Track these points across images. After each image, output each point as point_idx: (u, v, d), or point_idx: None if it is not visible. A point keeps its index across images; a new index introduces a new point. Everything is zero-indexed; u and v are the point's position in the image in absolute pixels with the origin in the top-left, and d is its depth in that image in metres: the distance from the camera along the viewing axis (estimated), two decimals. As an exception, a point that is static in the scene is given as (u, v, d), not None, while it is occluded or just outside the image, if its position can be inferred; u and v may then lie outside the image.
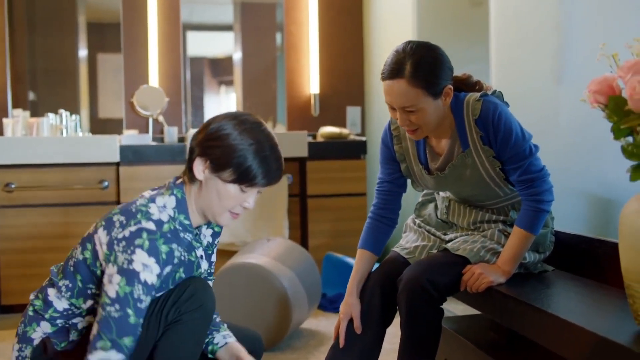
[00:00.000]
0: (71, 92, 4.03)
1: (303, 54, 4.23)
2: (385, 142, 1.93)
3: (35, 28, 4.01)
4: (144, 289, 1.45)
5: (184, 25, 4.14)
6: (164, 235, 1.49)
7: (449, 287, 1.78)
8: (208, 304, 1.58)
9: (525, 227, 1.76)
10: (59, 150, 3.38)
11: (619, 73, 1.25)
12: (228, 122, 1.54)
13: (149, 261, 1.46)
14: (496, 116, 1.73)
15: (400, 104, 1.70)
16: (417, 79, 1.67)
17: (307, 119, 4.23)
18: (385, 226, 1.95)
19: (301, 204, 3.76)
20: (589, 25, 1.99)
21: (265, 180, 1.55)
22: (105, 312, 1.44)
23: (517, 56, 2.42)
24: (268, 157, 1.54)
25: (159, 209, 1.53)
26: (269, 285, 2.66)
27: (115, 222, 1.52)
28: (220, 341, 1.71)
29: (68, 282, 1.57)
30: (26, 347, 1.58)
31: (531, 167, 1.75)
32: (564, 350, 1.43)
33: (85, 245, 1.56)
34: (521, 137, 1.75)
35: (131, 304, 1.44)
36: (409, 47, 1.70)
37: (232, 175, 1.52)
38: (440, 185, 1.89)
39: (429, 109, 1.71)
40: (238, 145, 1.51)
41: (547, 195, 1.76)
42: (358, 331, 1.84)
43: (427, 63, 1.68)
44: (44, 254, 3.36)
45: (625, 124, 1.24)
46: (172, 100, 4.06)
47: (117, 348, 1.43)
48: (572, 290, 1.71)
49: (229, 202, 1.56)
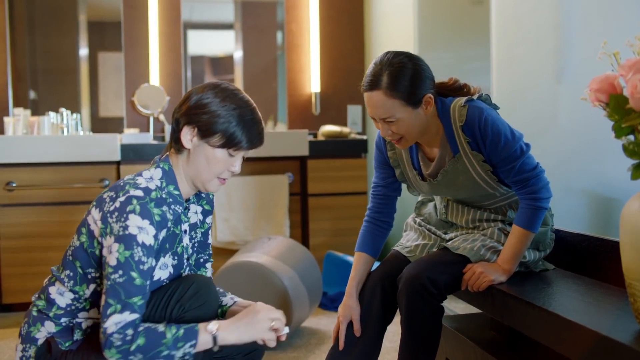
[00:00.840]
0: (72, 91, 4.03)
1: (304, 53, 4.23)
2: (379, 147, 1.95)
3: (35, 27, 4.01)
4: (143, 250, 1.47)
5: (185, 23, 4.14)
6: (153, 199, 1.52)
7: (449, 285, 1.79)
8: (212, 301, 1.59)
9: (524, 225, 1.75)
10: (59, 149, 3.39)
11: (620, 71, 1.25)
12: (209, 92, 1.59)
13: (143, 223, 1.48)
14: (482, 121, 1.73)
15: (379, 115, 1.72)
16: (393, 89, 1.68)
17: (308, 117, 4.22)
18: (381, 229, 1.97)
19: (302, 202, 3.76)
20: (589, 24, 1.99)
21: (249, 144, 1.60)
22: (110, 280, 1.45)
23: (517, 54, 2.42)
24: (251, 121, 1.59)
25: (146, 180, 1.56)
26: (269, 283, 2.66)
27: (105, 199, 1.55)
28: (229, 302, 1.74)
29: (69, 271, 1.58)
30: (30, 347, 1.58)
31: (524, 167, 1.75)
32: (564, 349, 1.43)
33: (80, 231, 1.58)
34: (511, 139, 1.74)
35: (134, 267, 1.46)
36: (386, 58, 1.72)
37: (221, 140, 1.57)
38: (435, 191, 1.90)
39: (409, 119, 1.72)
40: (222, 111, 1.57)
41: (544, 192, 1.76)
42: (358, 334, 1.85)
43: (404, 74, 1.69)
44: (45, 252, 3.36)
45: (627, 123, 1.23)
46: (172, 99, 4.06)
47: (129, 308, 1.44)
48: (572, 288, 1.71)
49: (218, 167, 1.60)
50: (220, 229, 3.57)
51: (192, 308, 1.55)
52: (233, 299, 1.75)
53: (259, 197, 3.62)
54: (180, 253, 1.65)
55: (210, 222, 1.77)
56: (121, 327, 1.42)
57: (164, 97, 4.01)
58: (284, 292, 2.65)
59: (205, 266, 1.77)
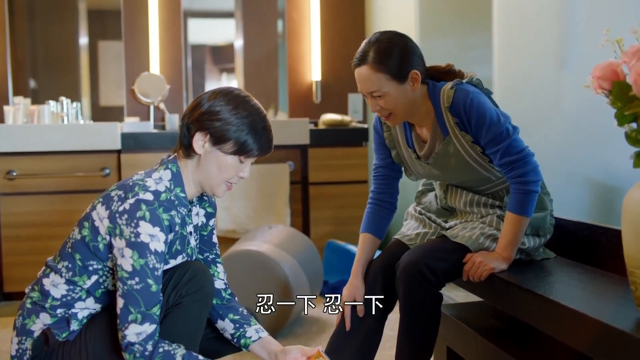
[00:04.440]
0: (72, 80, 4.02)
1: (305, 41, 4.21)
2: (376, 129, 1.98)
3: (35, 15, 4.00)
4: (156, 257, 1.52)
5: (185, 12, 4.12)
6: (162, 204, 1.55)
7: (447, 273, 1.79)
8: (208, 287, 1.63)
9: (516, 210, 1.75)
10: (60, 138, 3.38)
11: (624, 58, 1.24)
12: (221, 98, 1.61)
13: (154, 231, 1.51)
14: (468, 102, 1.75)
15: (366, 89, 1.78)
16: (379, 63, 1.75)
17: (309, 106, 4.21)
18: (385, 210, 1.98)
19: (303, 191, 3.76)
20: (592, 10, 1.98)
21: (260, 151, 1.63)
22: (127, 285, 1.50)
23: (520, 42, 2.41)
24: (262, 129, 1.62)
25: (155, 181, 1.58)
26: (270, 272, 2.66)
27: (113, 197, 1.57)
28: (254, 335, 1.73)
29: (67, 262, 1.59)
30: (26, 339, 1.58)
31: (511, 149, 1.75)
32: (565, 337, 1.43)
33: (82, 224, 1.59)
34: (496, 120, 1.75)
35: (149, 274, 1.51)
36: (374, 37, 1.79)
37: (233, 147, 1.60)
38: (430, 174, 1.90)
39: (395, 93, 1.76)
40: (235, 119, 1.59)
41: (532, 175, 1.75)
42: (361, 314, 1.85)
43: (389, 49, 1.75)
44: (46, 241, 3.36)
45: (630, 110, 1.23)
46: (173, 88, 4.05)
47: (150, 320, 1.51)
48: (574, 277, 1.71)
49: (228, 173, 1.63)
50: (222, 217, 3.57)
51: (188, 293, 1.59)
52: (258, 332, 1.74)
53: (260, 186, 3.62)
54: (190, 254, 1.69)
55: (214, 224, 1.80)
56: (143, 340, 1.50)
57: (164, 86, 4.00)
58: (285, 281, 2.65)
59: (216, 266, 1.79)
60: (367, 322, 1.85)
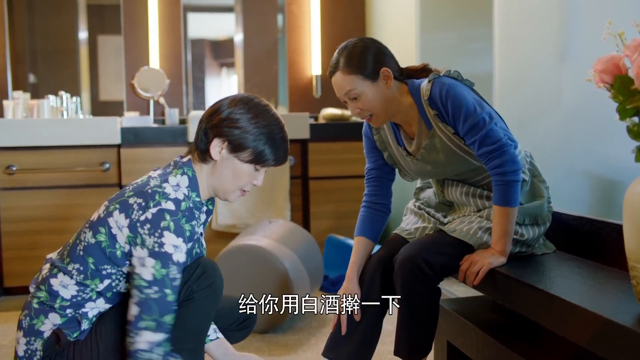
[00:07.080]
0: (71, 74, 4.01)
1: (305, 35, 4.20)
2: (366, 134, 2.00)
3: (34, 9, 3.98)
4: (177, 268, 1.54)
5: (185, 6, 4.10)
6: (184, 214, 1.56)
7: (445, 267, 1.79)
8: (218, 282, 1.64)
9: (500, 202, 1.74)
10: (59, 133, 3.37)
11: (626, 52, 1.23)
12: (242, 106, 1.62)
13: (177, 242, 1.53)
14: (444, 94, 1.76)
15: (343, 93, 1.81)
16: (349, 66, 1.79)
17: (309, 100, 4.20)
18: (379, 213, 1.98)
19: (303, 186, 3.75)
20: (594, 3, 1.97)
21: (276, 161, 1.67)
22: (144, 294, 1.51)
23: (520, 34, 2.40)
24: (280, 139, 1.66)
25: (173, 188, 1.58)
26: (270, 266, 2.66)
27: (132, 205, 1.55)
28: (212, 334, 1.79)
29: (79, 265, 1.58)
30: (35, 339, 1.57)
31: (487, 139, 1.74)
32: (566, 332, 1.42)
33: (98, 230, 1.58)
34: (472, 110, 1.75)
35: (168, 284, 1.52)
36: (343, 45, 1.84)
37: (250, 156, 1.62)
38: (422, 171, 1.91)
39: (370, 93, 1.79)
40: (253, 128, 1.61)
41: (510, 165, 1.73)
42: (357, 319, 1.85)
43: (358, 51, 1.80)
44: (46, 236, 3.37)
45: (631, 104, 1.22)
46: (173, 82, 4.04)
47: (162, 328, 1.51)
48: (574, 271, 1.71)
49: (243, 180, 1.65)
50: (222, 212, 3.57)
51: (199, 289, 1.60)
52: (216, 332, 1.81)
53: (260, 181, 3.61)
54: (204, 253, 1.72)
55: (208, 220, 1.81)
56: (152, 348, 1.51)
57: (164, 80, 3.99)
58: (285, 275, 2.65)
59: None
60: (366, 317, 1.85)
